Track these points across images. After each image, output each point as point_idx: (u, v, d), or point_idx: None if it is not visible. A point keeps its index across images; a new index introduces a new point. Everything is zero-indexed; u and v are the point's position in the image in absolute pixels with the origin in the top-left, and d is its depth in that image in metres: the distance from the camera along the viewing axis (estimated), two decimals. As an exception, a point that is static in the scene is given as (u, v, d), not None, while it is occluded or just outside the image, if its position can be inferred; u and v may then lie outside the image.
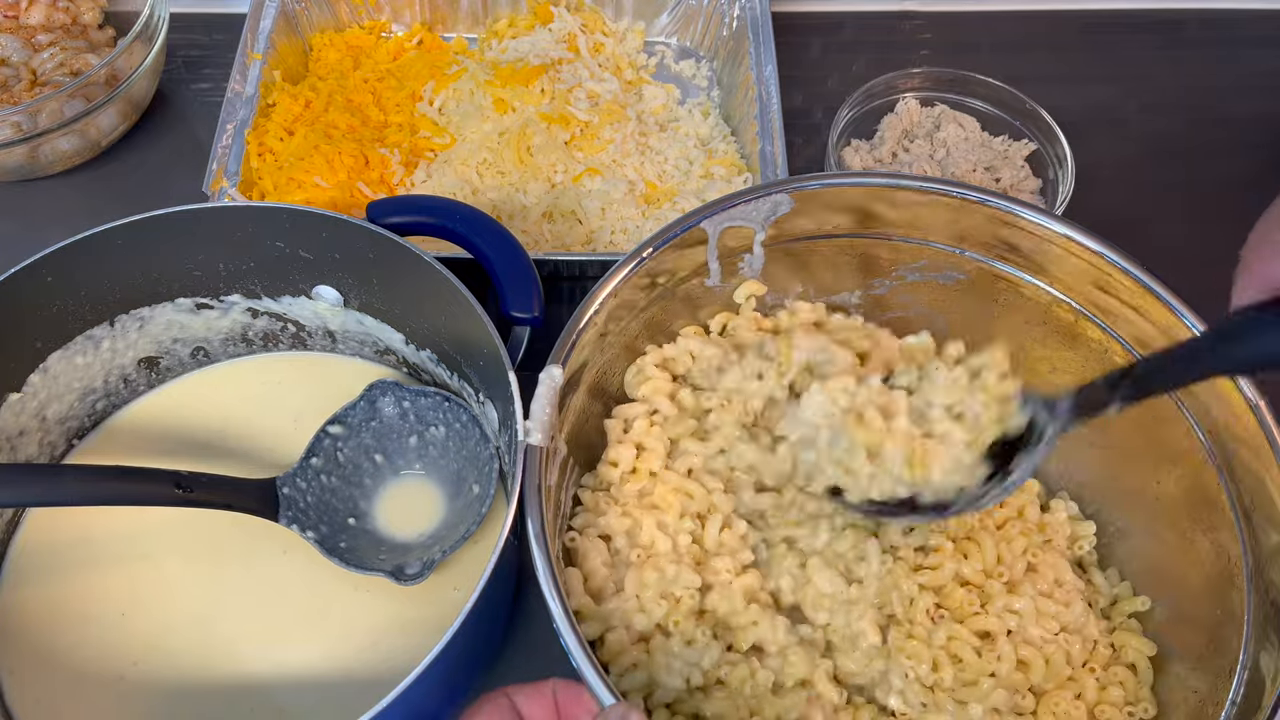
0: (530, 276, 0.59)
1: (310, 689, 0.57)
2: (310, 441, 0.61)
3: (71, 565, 0.60)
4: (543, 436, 0.52)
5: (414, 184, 0.78)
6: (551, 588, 0.48)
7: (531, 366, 0.55)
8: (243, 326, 0.66)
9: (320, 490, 0.61)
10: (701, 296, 0.64)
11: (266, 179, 0.75)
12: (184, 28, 0.89)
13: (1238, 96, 0.92)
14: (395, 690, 0.44)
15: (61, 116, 0.76)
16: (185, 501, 0.54)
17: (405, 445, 0.63)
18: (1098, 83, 0.93)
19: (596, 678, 0.46)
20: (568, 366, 0.54)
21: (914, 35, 0.95)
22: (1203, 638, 0.56)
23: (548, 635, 0.48)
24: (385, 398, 0.63)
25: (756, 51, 0.82)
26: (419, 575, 0.58)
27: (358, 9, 0.89)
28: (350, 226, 0.59)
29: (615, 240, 0.75)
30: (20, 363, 0.59)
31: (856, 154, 0.81)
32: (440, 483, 0.63)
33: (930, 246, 0.64)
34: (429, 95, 0.82)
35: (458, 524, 0.60)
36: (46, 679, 0.57)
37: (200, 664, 0.58)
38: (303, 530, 0.58)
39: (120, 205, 0.59)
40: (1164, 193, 0.86)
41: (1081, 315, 0.62)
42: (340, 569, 0.58)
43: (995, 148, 0.81)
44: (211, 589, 0.60)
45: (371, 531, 0.61)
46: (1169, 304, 0.57)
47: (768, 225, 0.62)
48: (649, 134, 0.83)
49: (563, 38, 0.86)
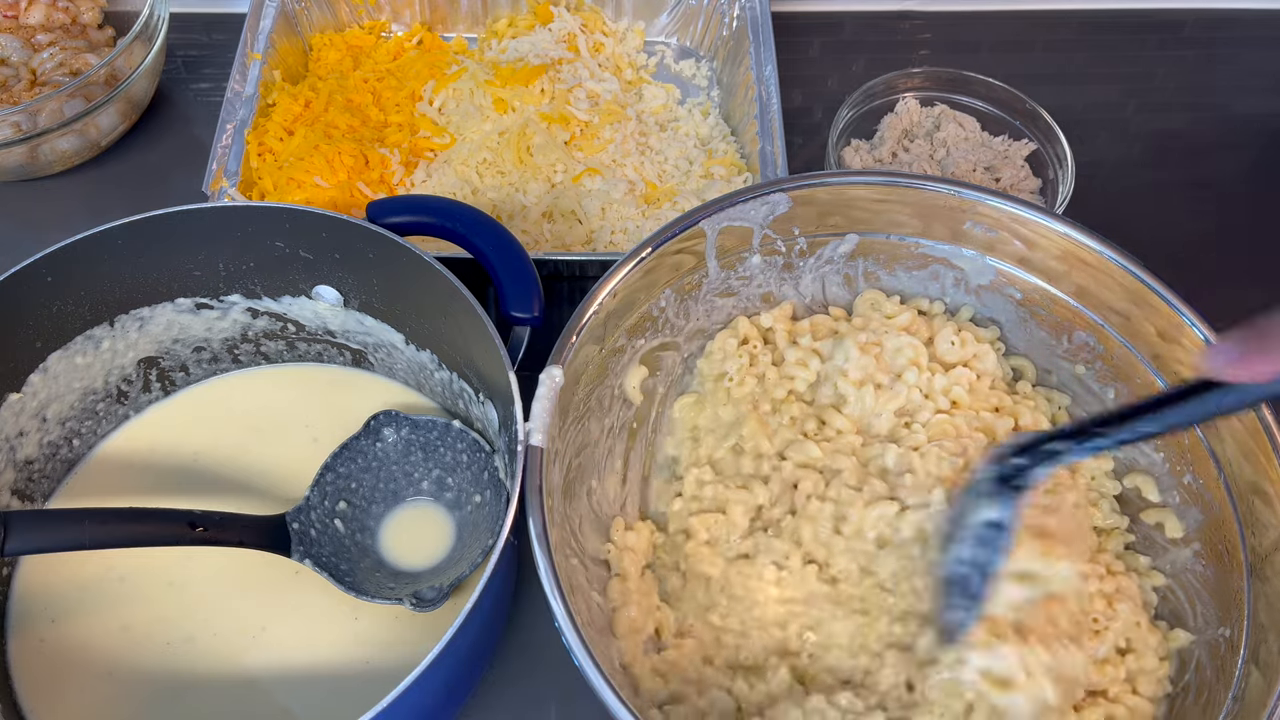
0: (530, 276, 0.59)
1: (311, 689, 0.57)
2: (316, 475, 0.61)
3: (72, 564, 0.61)
4: (543, 437, 0.52)
5: (414, 184, 0.78)
6: (552, 587, 0.48)
7: (531, 366, 0.55)
8: (243, 327, 0.66)
9: (329, 523, 0.61)
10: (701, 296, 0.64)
11: (266, 179, 0.75)
12: (184, 28, 0.89)
13: (1238, 96, 0.92)
14: (395, 690, 0.44)
15: (61, 116, 0.76)
16: (200, 541, 0.55)
17: (410, 474, 0.63)
18: (1098, 83, 0.93)
19: (598, 677, 0.46)
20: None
21: (914, 35, 0.95)
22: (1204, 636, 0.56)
23: (548, 635, 0.48)
24: (387, 428, 0.63)
25: (756, 51, 0.82)
26: (435, 602, 0.57)
27: (358, 9, 0.89)
28: (350, 226, 0.59)
29: (615, 240, 0.75)
30: (20, 363, 0.59)
31: (856, 154, 0.81)
32: (448, 507, 0.63)
33: (930, 246, 0.64)
34: (429, 95, 0.82)
35: (468, 544, 0.60)
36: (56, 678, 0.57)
37: (201, 664, 0.58)
38: (315, 564, 0.58)
39: (120, 205, 0.59)
40: (1164, 193, 0.85)
41: (1081, 314, 0.62)
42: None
43: (995, 148, 0.81)
44: (212, 589, 0.60)
45: (384, 560, 0.61)
46: (1169, 303, 0.57)
47: (767, 224, 0.62)
48: (649, 134, 0.83)
49: (563, 38, 0.86)
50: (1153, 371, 0.59)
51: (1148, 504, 0.60)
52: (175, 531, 0.55)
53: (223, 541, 0.56)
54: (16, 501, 0.61)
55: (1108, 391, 0.62)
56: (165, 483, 0.64)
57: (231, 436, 0.66)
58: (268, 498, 0.64)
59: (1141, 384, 0.60)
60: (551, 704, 0.60)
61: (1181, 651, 0.56)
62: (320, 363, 0.70)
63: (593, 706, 0.46)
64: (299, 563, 0.58)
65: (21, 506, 0.62)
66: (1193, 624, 0.56)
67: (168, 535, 0.55)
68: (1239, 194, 0.86)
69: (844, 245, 0.64)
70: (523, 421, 0.52)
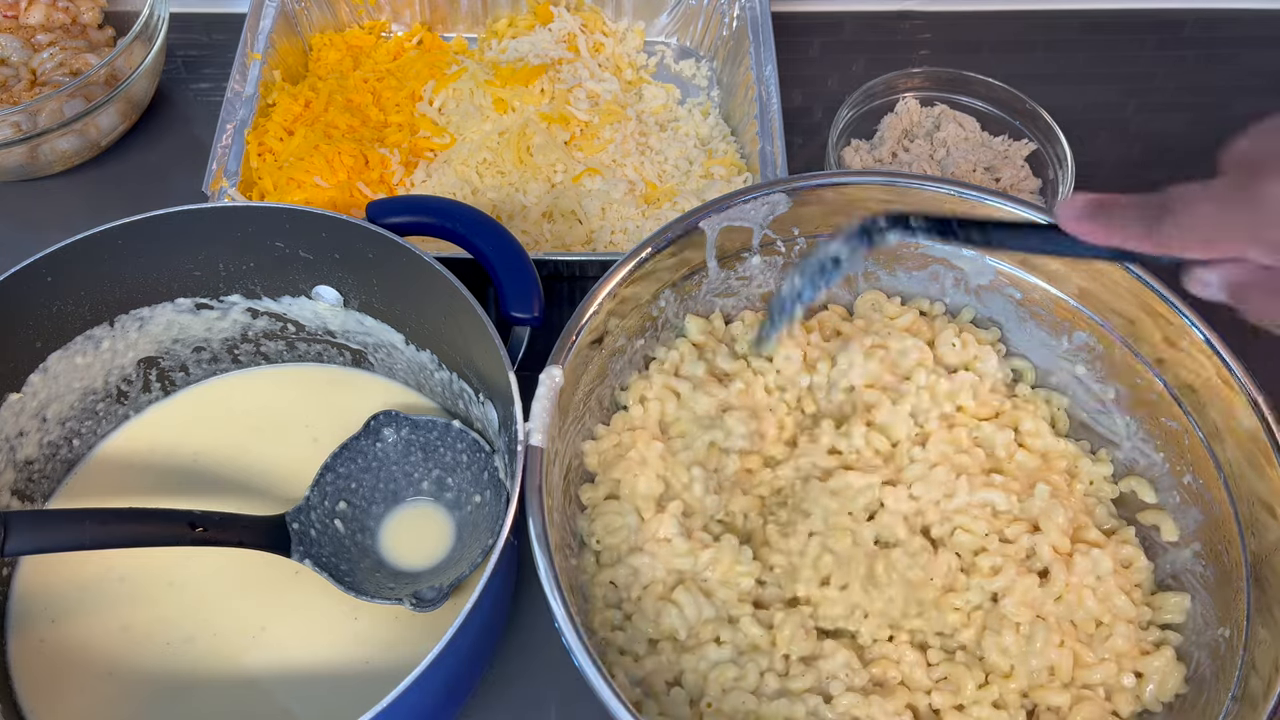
0: (530, 276, 0.59)
1: (311, 689, 0.57)
2: (316, 475, 0.61)
3: (72, 563, 0.60)
4: (543, 437, 0.52)
5: (414, 184, 0.78)
6: (552, 587, 0.48)
7: (531, 366, 0.55)
8: (243, 327, 0.66)
9: (329, 523, 0.61)
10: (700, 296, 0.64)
11: (266, 179, 0.75)
12: (184, 28, 0.89)
13: (1238, 96, 0.92)
14: (395, 690, 0.44)
15: (61, 116, 0.76)
16: (200, 541, 0.55)
17: (410, 474, 0.63)
18: (1098, 83, 0.93)
19: (598, 677, 0.46)
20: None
21: (914, 35, 0.95)
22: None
23: (548, 635, 0.48)
24: (387, 428, 0.63)
25: (756, 51, 0.82)
26: (435, 602, 0.57)
27: (358, 9, 0.89)
28: (350, 226, 0.59)
29: (615, 240, 0.75)
30: (20, 363, 0.59)
31: (856, 154, 0.81)
32: (448, 507, 0.63)
33: (930, 246, 0.64)
34: (429, 95, 0.82)
35: (468, 545, 0.61)
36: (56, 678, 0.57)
37: (201, 664, 0.58)
38: (315, 564, 0.58)
39: (120, 205, 0.59)
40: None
41: (1080, 313, 0.62)
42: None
43: (995, 148, 0.81)
44: (213, 589, 0.60)
45: (383, 560, 0.61)
46: (1170, 303, 0.57)
47: (767, 225, 0.62)
48: (649, 134, 0.83)
49: (562, 38, 0.86)
50: (1153, 371, 0.59)
51: (1145, 505, 0.60)
52: (175, 531, 0.55)
53: (223, 542, 0.56)
54: (16, 501, 0.61)
55: (1108, 391, 0.62)
56: (165, 483, 0.64)
57: (231, 436, 0.66)
58: (268, 498, 0.64)
59: (1142, 384, 0.60)
60: (551, 704, 0.60)
61: (1181, 652, 0.56)
62: (320, 363, 0.70)
63: (593, 706, 0.46)
64: (299, 563, 0.58)
65: (21, 506, 0.62)
66: (1193, 624, 0.56)
67: (168, 535, 0.55)
68: (1239, 194, 0.86)
69: (844, 245, 0.64)
70: (523, 421, 0.52)
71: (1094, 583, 0.57)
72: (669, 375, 0.63)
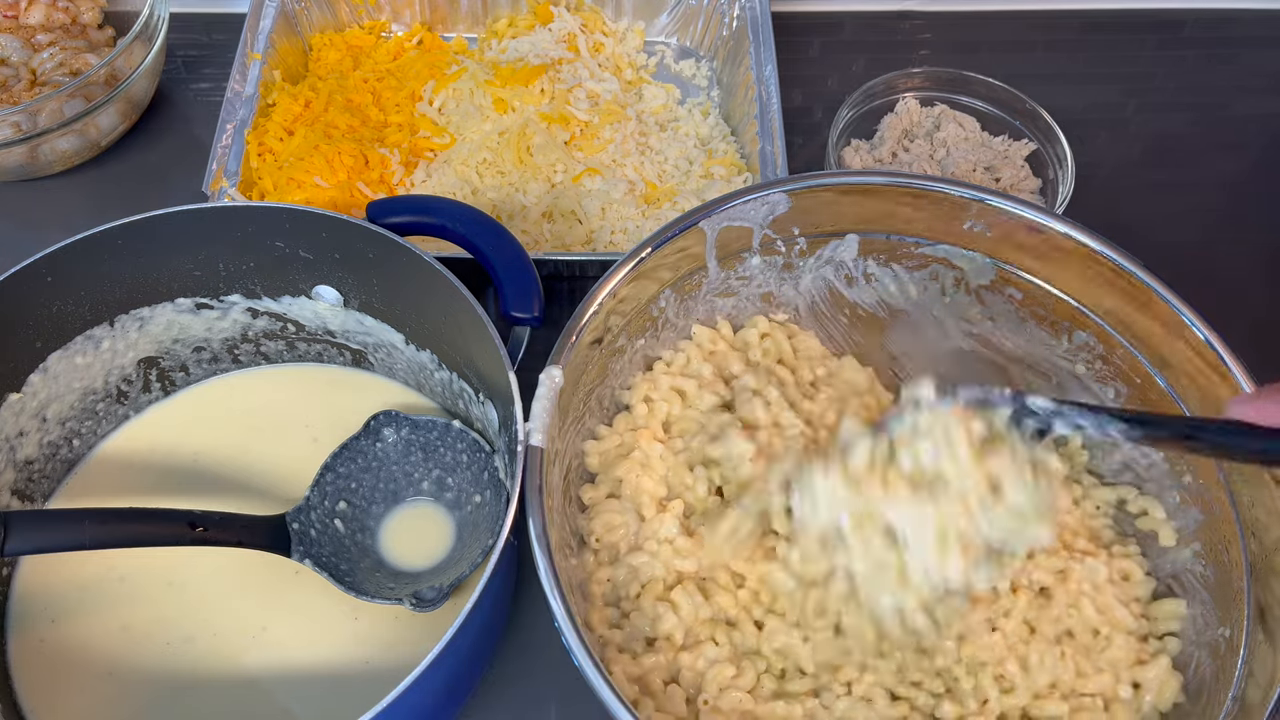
0: (530, 276, 0.59)
1: (311, 689, 0.57)
2: (316, 475, 0.61)
3: (72, 563, 0.60)
4: (543, 437, 0.52)
5: (414, 184, 0.78)
6: (552, 587, 0.48)
7: (531, 367, 0.55)
8: (243, 327, 0.66)
9: (329, 523, 0.61)
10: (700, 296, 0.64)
11: (266, 179, 0.75)
12: (184, 28, 0.89)
13: (1238, 96, 0.92)
14: (395, 690, 0.44)
15: (61, 116, 0.76)
16: (200, 541, 0.55)
17: (410, 474, 0.63)
18: (1098, 83, 0.93)
19: (598, 677, 0.46)
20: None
21: (914, 35, 0.95)
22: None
23: (548, 635, 0.48)
24: (387, 428, 0.63)
25: (756, 51, 0.82)
26: (435, 602, 0.57)
27: (358, 9, 0.89)
28: (350, 226, 0.59)
29: (615, 240, 0.75)
30: (20, 363, 0.59)
31: (856, 154, 0.81)
32: (448, 507, 0.63)
33: (930, 246, 0.64)
34: (429, 95, 0.82)
35: (468, 545, 0.61)
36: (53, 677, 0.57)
37: (201, 664, 0.58)
38: (315, 564, 0.58)
39: (120, 205, 0.59)
40: (1164, 193, 0.85)
41: (1080, 313, 0.62)
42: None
43: (995, 148, 0.81)
44: (213, 589, 0.60)
45: (384, 560, 0.61)
46: (1170, 303, 0.57)
47: (767, 225, 0.62)
48: (649, 134, 0.83)
49: (562, 38, 0.86)
50: (1153, 371, 0.59)
51: (1143, 510, 0.60)
52: (175, 531, 0.55)
53: (223, 541, 0.56)
54: (16, 501, 0.61)
55: (1108, 391, 0.62)
56: (165, 483, 0.64)
57: (231, 436, 0.66)
58: (268, 498, 0.64)
59: (1142, 384, 0.60)
60: (551, 704, 0.60)
61: (1181, 655, 0.56)
62: (320, 363, 0.70)
63: (593, 706, 0.46)
64: (299, 563, 0.58)
65: (21, 506, 0.62)
66: (1193, 625, 0.56)
67: (168, 535, 0.55)
68: (1239, 194, 0.86)
69: (844, 245, 0.64)
70: (523, 421, 0.52)
71: (1091, 591, 0.57)
72: (675, 375, 0.63)
